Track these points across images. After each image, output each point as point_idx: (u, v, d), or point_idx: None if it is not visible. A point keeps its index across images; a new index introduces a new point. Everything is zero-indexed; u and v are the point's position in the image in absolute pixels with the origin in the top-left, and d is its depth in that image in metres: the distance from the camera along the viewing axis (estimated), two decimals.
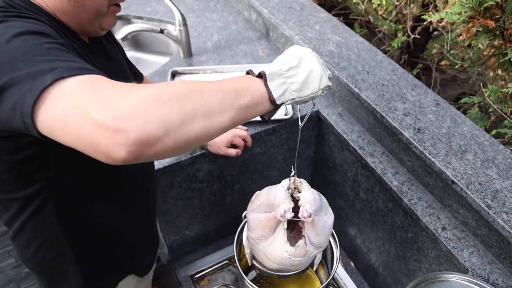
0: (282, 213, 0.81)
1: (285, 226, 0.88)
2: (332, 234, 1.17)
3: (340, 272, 1.54)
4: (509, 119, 1.40)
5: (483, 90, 1.49)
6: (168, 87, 0.53)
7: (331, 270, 1.14)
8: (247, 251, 1.06)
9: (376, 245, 1.40)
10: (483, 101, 1.50)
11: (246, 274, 1.40)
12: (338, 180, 1.48)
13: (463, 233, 1.08)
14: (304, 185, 0.90)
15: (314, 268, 1.16)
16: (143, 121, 0.49)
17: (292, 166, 0.88)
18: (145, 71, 1.28)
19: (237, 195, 1.53)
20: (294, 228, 0.97)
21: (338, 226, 1.57)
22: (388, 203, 1.25)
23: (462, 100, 1.57)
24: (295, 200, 0.87)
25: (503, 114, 1.42)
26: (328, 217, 0.95)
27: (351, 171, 1.38)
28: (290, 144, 1.48)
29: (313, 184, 1.65)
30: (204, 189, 1.42)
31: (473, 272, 1.01)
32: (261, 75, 0.64)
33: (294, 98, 0.65)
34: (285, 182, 0.89)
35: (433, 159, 1.07)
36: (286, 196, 0.85)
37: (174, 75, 1.52)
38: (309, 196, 0.87)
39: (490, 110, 1.46)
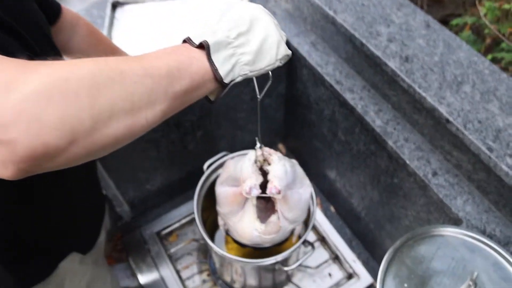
0: (247, 190, 0.76)
1: (254, 202, 0.82)
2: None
3: (319, 217, 1.42)
4: (507, 41, 1.20)
5: (479, 8, 1.27)
6: (74, 71, 0.39)
7: (309, 221, 1.02)
8: (221, 222, 0.95)
9: (357, 190, 1.26)
10: (477, 22, 1.29)
11: (215, 230, 1.27)
12: (314, 120, 1.30)
13: (456, 178, 0.93)
14: (274, 157, 0.81)
15: (294, 240, 1.04)
16: (35, 127, 0.36)
17: (256, 138, 0.78)
18: (78, 3, 1.02)
19: (201, 142, 1.35)
20: (268, 201, 0.88)
21: (316, 169, 1.43)
22: (370, 145, 1.08)
23: (454, 22, 1.35)
24: (265, 173, 0.79)
25: (500, 35, 1.21)
26: (304, 190, 0.87)
27: (327, 109, 1.20)
28: (258, 79, 1.27)
29: (287, 125, 1.48)
30: (160, 139, 1.24)
31: (467, 223, 0.87)
32: (203, 46, 0.49)
33: (246, 73, 0.52)
34: (252, 155, 0.81)
35: (423, 94, 0.89)
36: (253, 171, 0.78)
37: (115, 6, 1.25)
38: (279, 170, 0.79)
39: (486, 31, 1.26)
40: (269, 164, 0.83)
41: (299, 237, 1.12)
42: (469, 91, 0.89)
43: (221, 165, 1.10)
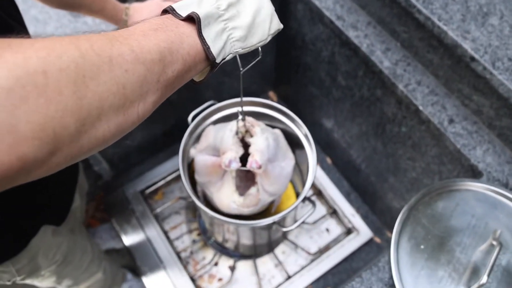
0: (226, 163, 0.74)
1: (234, 175, 0.80)
2: (306, 137, 0.91)
3: None
4: None
5: None
6: (51, 59, 0.30)
7: (305, 178, 0.93)
8: (198, 189, 0.91)
9: (358, 140, 1.15)
10: None
11: None
12: (309, 62, 1.16)
13: (475, 126, 0.82)
14: (256, 129, 0.79)
15: (273, 210, 1.00)
16: (8, 138, 0.28)
17: (238, 111, 0.77)
18: None
19: (184, 92, 1.19)
20: (248, 172, 0.87)
21: (311, 118, 1.32)
22: (376, 90, 0.96)
23: None
24: (247, 145, 0.78)
25: None
26: (286, 163, 0.85)
27: (326, 50, 1.06)
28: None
29: (278, 71, 1.34)
30: None
31: (488, 175, 0.77)
32: (191, 18, 0.42)
33: (237, 51, 0.46)
34: (233, 125, 0.79)
35: (444, 27, 0.75)
36: (233, 143, 0.77)
37: None
38: (260, 144, 0.77)
39: None
40: (251, 136, 0.80)
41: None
42: (497, 23, 0.76)
43: (208, 116, 0.98)
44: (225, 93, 1.31)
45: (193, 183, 0.96)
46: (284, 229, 0.88)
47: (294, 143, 0.96)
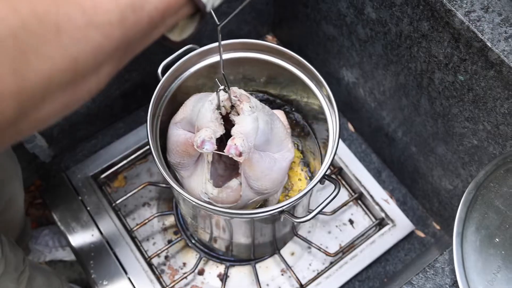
0: (199, 143, 0.76)
1: (209, 159, 0.83)
2: (322, 91, 0.87)
3: None
4: None
5: None
6: None
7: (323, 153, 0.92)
8: (164, 175, 0.87)
9: (392, 96, 1.11)
10: None
11: None
12: None
13: None
14: (244, 105, 0.79)
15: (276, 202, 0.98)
16: None
17: (217, 80, 0.76)
18: None
19: None
20: (231, 161, 0.89)
21: (326, 69, 1.27)
22: (422, 22, 0.90)
23: None
24: (231, 125, 0.79)
25: None
26: (281, 155, 0.87)
27: None
28: None
29: (279, 4, 1.28)
30: None
31: None
32: None
33: None
34: (215, 97, 0.79)
35: None
36: (211, 119, 0.78)
37: None
38: (247, 125, 0.78)
39: None
40: (237, 113, 0.80)
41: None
42: None
43: (185, 66, 0.93)
44: (205, 39, 1.25)
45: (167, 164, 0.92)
46: (297, 220, 0.84)
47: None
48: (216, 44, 0.90)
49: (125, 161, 1.27)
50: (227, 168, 0.92)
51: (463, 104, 0.92)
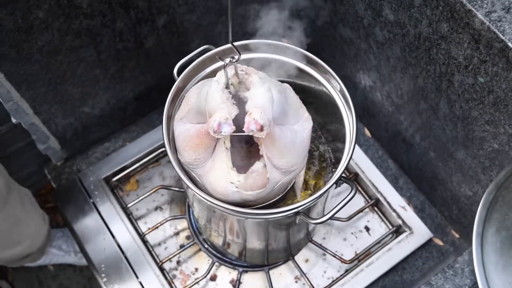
0: (215, 127, 0.73)
1: (228, 145, 0.81)
2: (342, 92, 0.88)
3: None
4: None
5: None
6: None
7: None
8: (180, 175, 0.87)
9: (410, 100, 1.12)
10: None
11: None
12: None
13: None
14: (253, 77, 0.78)
15: (299, 197, 0.99)
16: None
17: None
18: None
19: (165, 36, 1.18)
20: (251, 144, 0.89)
21: (342, 72, 1.28)
22: (441, 23, 0.91)
23: None
24: (243, 102, 0.77)
25: None
26: (300, 125, 0.85)
27: None
28: None
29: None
30: (100, 29, 1.05)
31: None
32: None
33: None
34: (221, 76, 0.77)
35: None
36: (223, 99, 0.75)
37: None
38: (261, 96, 0.76)
39: None
40: (247, 89, 0.79)
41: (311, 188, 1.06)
42: None
43: (201, 67, 0.94)
44: (221, 38, 1.28)
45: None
46: (313, 222, 0.85)
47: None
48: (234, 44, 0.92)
49: (137, 164, 1.29)
50: (245, 156, 0.91)
51: (484, 107, 0.93)
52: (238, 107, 0.77)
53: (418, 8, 0.94)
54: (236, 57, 0.75)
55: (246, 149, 0.92)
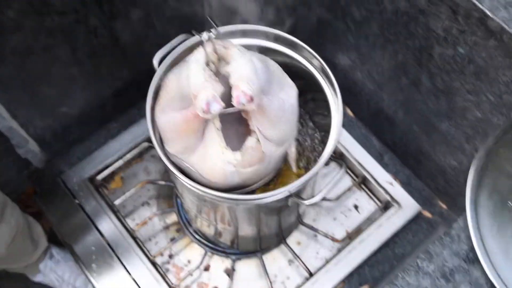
0: (204, 107, 0.71)
1: (218, 126, 0.80)
2: (323, 70, 0.89)
3: None
4: None
5: None
6: None
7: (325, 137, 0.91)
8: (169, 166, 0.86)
9: (392, 77, 1.13)
10: None
11: None
12: None
13: None
14: (232, 50, 0.76)
15: (294, 169, 0.99)
16: None
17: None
18: None
19: (140, 29, 1.17)
20: (238, 122, 0.86)
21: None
22: None
23: None
24: (225, 79, 0.75)
25: None
26: (286, 93, 0.85)
27: None
28: None
29: None
30: (73, 26, 1.03)
31: None
32: None
33: None
34: (199, 54, 0.76)
35: None
36: (206, 77, 0.74)
37: None
38: (244, 68, 0.74)
39: None
40: (227, 63, 0.77)
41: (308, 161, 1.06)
42: None
43: (182, 56, 0.93)
44: (197, 29, 1.27)
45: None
46: (306, 202, 0.86)
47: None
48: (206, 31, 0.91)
49: (121, 161, 1.27)
50: (234, 133, 0.90)
51: (465, 77, 0.94)
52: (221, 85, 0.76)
53: None
54: (214, 31, 0.74)
55: (233, 130, 0.90)
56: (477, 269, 0.68)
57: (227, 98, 0.74)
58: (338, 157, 1.28)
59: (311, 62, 0.94)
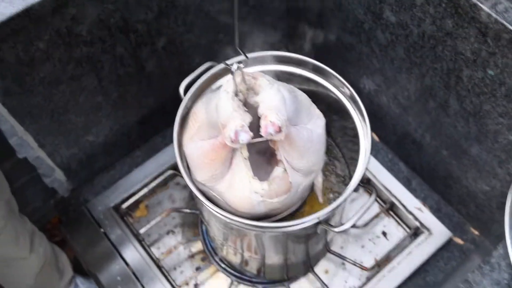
0: (233, 136, 0.72)
1: (246, 155, 0.80)
2: (352, 98, 0.89)
3: None
4: None
5: None
6: None
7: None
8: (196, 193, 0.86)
9: (418, 100, 1.12)
10: None
11: None
12: None
13: None
14: (261, 81, 0.77)
15: (321, 200, 1.00)
16: None
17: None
18: None
19: (166, 57, 1.18)
20: (265, 152, 0.89)
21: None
22: (445, 20, 0.92)
23: None
24: (253, 109, 0.76)
25: None
26: (314, 123, 0.85)
27: None
28: None
29: (293, 15, 1.32)
30: (100, 55, 1.05)
31: None
32: None
33: None
34: (228, 84, 0.76)
35: None
36: (234, 107, 0.75)
37: None
38: (273, 98, 0.75)
39: None
40: (256, 94, 0.78)
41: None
42: None
43: (207, 83, 0.94)
44: (220, 57, 1.28)
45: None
46: (335, 230, 0.84)
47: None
48: (239, 58, 0.92)
49: (145, 189, 1.28)
50: (261, 163, 0.90)
51: (496, 100, 0.93)
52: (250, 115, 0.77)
53: (420, 7, 0.95)
54: (243, 62, 0.74)
55: (260, 159, 0.91)
56: None
57: (255, 128, 0.75)
58: (366, 182, 1.27)
59: (339, 88, 0.94)
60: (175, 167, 1.29)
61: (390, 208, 1.25)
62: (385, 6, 1.02)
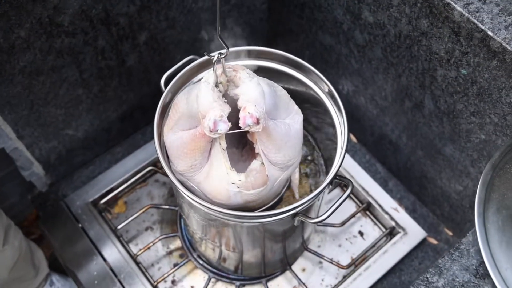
0: (211, 125, 0.73)
1: (224, 146, 0.81)
2: (331, 94, 0.90)
3: None
4: None
5: None
6: None
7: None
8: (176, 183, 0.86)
9: (395, 101, 1.14)
10: None
11: None
12: None
13: None
14: (241, 73, 0.78)
15: (297, 196, 1.02)
16: None
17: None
18: None
19: (147, 52, 1.18)
20: (244, 145, 0.89)
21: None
22: (420, 20, 0.94)
23: None
24: (233, 101, 0.77)
25: None
26: (292, 119, 0.86)
27: None
28: None
29: (274, 17, 1.32)
30: (81, 47, 1.05)
31: None
32: None
33: None
34: (209, 76, 0.78)
35: None
36: (214, 98, 0.76)
37: None
38: (252, 90, 0.76)
39: None
40: (236, 86, 0.79)
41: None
42: None
43: (189, 76, 0.94)
44: (205, 49, 1.29)
45: None
46: (313, 221, 0.85)
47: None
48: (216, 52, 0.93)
49: (124, 186, 1.27)
50: (239, 157, 0.91)
51: (468, 99, 0.95)
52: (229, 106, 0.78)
53: (397, 7, 0.97)
54: (224, 52, 0.75)
55: (238, 153, 0.92)
56: (488, 284, 0.67)
57: (234, 119, 0.76)
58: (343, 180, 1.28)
59: (318, 85, 0.95)
60: (154, 163, 1.29)
61: (367, 208, 1.27)
62: (364, 6, 1.04)
